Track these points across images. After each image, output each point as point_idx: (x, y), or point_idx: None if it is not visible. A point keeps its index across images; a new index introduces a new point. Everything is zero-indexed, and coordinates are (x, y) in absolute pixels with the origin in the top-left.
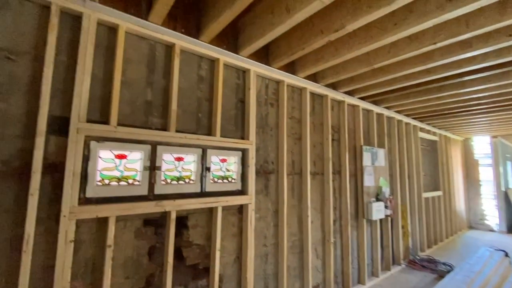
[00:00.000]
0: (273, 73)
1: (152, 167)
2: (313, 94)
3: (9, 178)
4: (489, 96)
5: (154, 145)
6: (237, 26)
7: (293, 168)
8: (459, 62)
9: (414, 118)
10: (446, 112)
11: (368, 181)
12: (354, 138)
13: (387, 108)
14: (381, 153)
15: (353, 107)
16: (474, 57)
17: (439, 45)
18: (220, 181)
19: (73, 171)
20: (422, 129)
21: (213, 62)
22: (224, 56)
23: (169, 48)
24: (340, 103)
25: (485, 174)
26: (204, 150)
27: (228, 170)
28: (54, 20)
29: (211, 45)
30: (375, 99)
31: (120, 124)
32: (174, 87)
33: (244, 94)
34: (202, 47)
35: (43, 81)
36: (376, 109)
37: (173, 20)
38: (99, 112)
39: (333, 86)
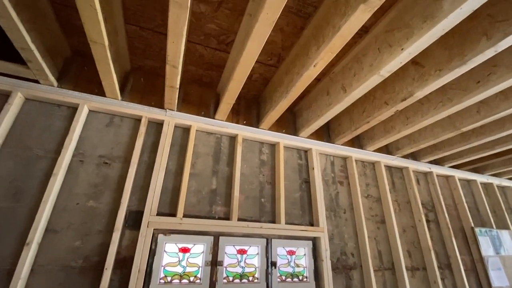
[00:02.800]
0: (337, 149)
1: (214, 262)
2: (389, 168)
3: (86, 274)
4: None
5: (216, 236)
6: (294, 111)
7: (381, 261)
8: None
9: None
10: None
11: (498, 280)
12: (459, 217)
13: (495, 175)
14: (507, 236)
15: (446, 178)
16: None
17: None
18: (289, 279)
19: (139, 267)
20: None
21: (273, 146)
22: (284, 139)
23: (233, 138)
24: (426, 174)
25: None
26: (268, 240)
27: (297, 266)
28: (142, 129)
29: (271, 131)
30: (475, 166)
31: (185, 215)
32: (237, 173)
33: (308, 174)
34: (262, 134)
35: (126, 180)
36: (480, 178)
37: (236, 115)
38: (169, 204)
39: (413, 157)
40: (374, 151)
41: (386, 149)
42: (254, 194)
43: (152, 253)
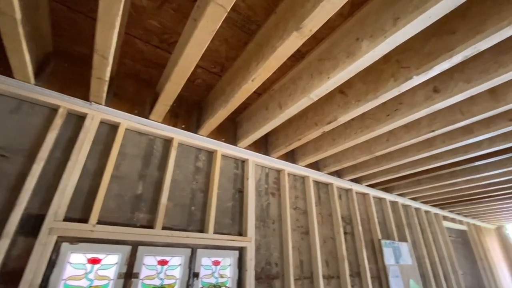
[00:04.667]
0: (273, 162)
1: (129, 274)
2: (317, 183)
3: None
4: (508, 180)
5: (135, 246)
6: (236, 121)
7: (302, 270)
8: (465, 148)
9: (434, 206)
10: (467, 199)
11: (396, 285)
12: (370, 230)
13: (401, 195)
14: (405, 248)
15: (363, 195)
16: (480, 142)
17: (437, 132)
18: None
19: (31, 281)
20: (445, 218)
21: (211, 153)
22: (222, 148)
23: (168, 142)
24: (347, 191)
25: None
26: (193, 251)
27: (221, 276)
28: (58, 121)
29: (210, 138)
30: (386, 186)
31: (101, 221)
32: (167, 178)
33: (242, 184)
34: (200, 140)
35: (28, 178)
36: (389, 196)
37: (174, 117)
38: (81, 209)
39: (338, 174)
40: (305, 166)
41: (316, 165)
42: (184, 202)
43: (51, 264)
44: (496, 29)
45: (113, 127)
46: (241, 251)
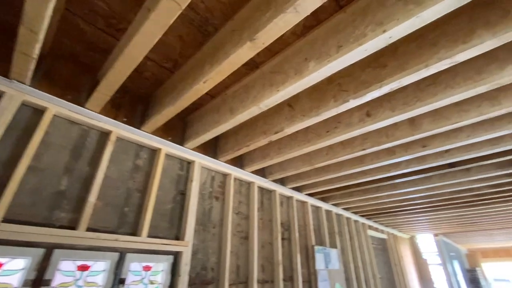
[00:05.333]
0: (220, 166)
1: (38, 282)
2: (261, 189)
3: None
4: (420, 197)
5: (50, 249)
6: (185, 121)
7: (238, 275)
8: (388, 167)
9: (362, 216)
10: (388, 211)
11: None
12: (306, 237)
13: (335, 205)
14: (334, 254)
15: (302, 203)
16: (399, 163)
17: (368, 151)
18: None
19: None
20: (370, 227)
21: (154, 151)
22: (168, 147)
23: (105, 134)
24: (289, 198)
25: (436, 274)
26: (122, 255)
27: (151, 282)
28: None
29: (154, 135)
30: (323, 196)
31: (8, 219)
32: (99, 175)
33: (185, 186)
34: (143, 136)
35: None
36: (325, 206)
37: (116, 109)
38: None
39: (281, 182)
40: (252, 172)
41: (262, 172)
42: (117, 202)
43: None
44: (416, 69)
45: (38, 112)
46: (177, 255)
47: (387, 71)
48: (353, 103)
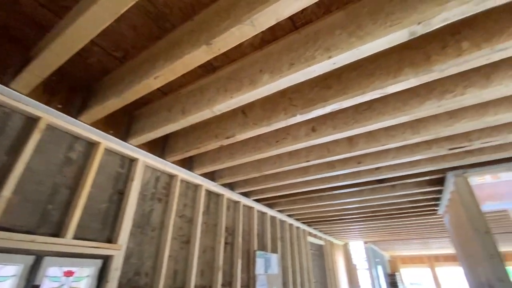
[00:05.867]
0: (167, 166)
1: None
2: (209, 192)
3: None
4: (355, 208)
5: None
6: (133, 115)
7: (175, 280)
8: (328, 179)
9: (303, 223)
10: (327, 219)
11: None
12: (249, 242)
13: (280, 211)
14: (275, 259)
15: (249, 208)
16: (338, 176)
17: (311, 163)
18: None
19: None
20: (310, 234)
21: (91, 144)
22: (108, 141)
23: (32, 120)
24: (236, 203)
25: (363, 278)
26: (38, 258)
27: None
28: None
29: (93, 127)
30: (269, 202)
31: None
32: (19, 165)
33: (125, 185)
34: (80, 127)
35: None
36: (270, 211)
37: (50, 94)
38: None
39: (230, 186)
40: (201, 174)
41: (211, 175)
42: (39, 198)
43: None
44: (355, 94)
45: None
46: (107, 260)
47: (331, 92)
48: (300, 118)
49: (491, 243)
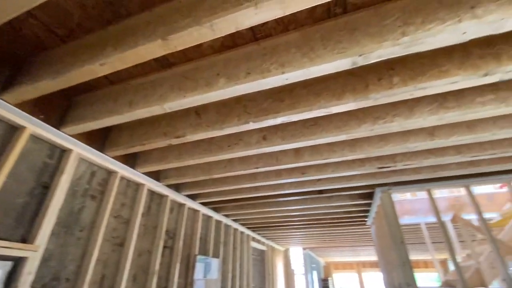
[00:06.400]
0: (107, 161)
1: None
2: (152, 193)
3: None
4: (297, 215)
5: None
6: (72, 100)
7: (101, 286)
8: (275, 186)
9: (248, 228)
10: (271, 225)
11: None
12: (190, 246)
13: (226, 216)
14: (215, 263)
15: (194, 211)
16: (284, 184)
17: (260, 170)
18: None
19: None
20: (254, 239)
21: (14, 129)
22: (37, 127)
23: None
24: (181, 206)
25: (299, 282)
26: None
27: None
28: None
29: (19, 109)
30: (216, 206)
31: None
32: None
33: (52, 178)
34: (3, 107)
35: None
36: (216, 216)
37: None
38: None
39: (176, 188)
40: (145, 173)
41: (156, 175)
42: None
43: None
44: (303, 110)
45: None
46: (18, 262)
47: (283, 105)
48: (252, 125)
49: (404, 252)
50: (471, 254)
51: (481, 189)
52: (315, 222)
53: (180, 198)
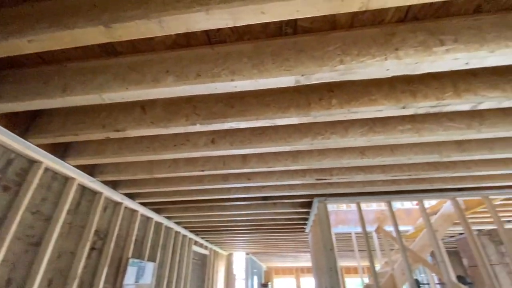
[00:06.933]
0: (28, 148)
1: None
2: (84, 188)
3: None
4: (242, 220)
5: None
6: None
7: None
8: (221, 190)
9: (191, 231)
10: (216, 229)
11: None
12: (124, 248)
13: (168, 218)
14: (150, 267)
15: (132, 211)
16: (230, 189)
17: (206, 172)
18: None
19: None
20: (196, 243)
21: None
22: None
23: None
24: (117, 204)
25: (239, 287)
26: None
27: None
28: None
29: None
30: (157, 207)
31: None
32: None
33: None
34: None
35: None
36: (157, 217)
37: None
38: None
39: (113, 185)
40: (77, 166)
41: (90, 169)
42: None
43: None
44: (251, 119)
45: None
46: None
47: (232, 111)
48: (199, 128)
49: (332, 258)
50: (388, 262)
51: (401, 205)
52: (259, 227)
53: (116, 196)
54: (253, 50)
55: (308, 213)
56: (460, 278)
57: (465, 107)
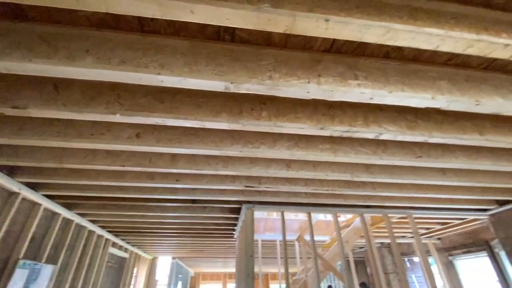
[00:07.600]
0: None
1: None
2: None
3: None
4: (168, 223)
5: None
6: None
7: None
8: (145, 189)
9: (110, 232)
10: (138, 231)
11: None
12: (13, 247)
13: (81, 215)
14: (47, 271)
15: (33, 204)
16: (156, 188)
17: (128, 168)
18: None
19: None
20: (114, 244)
21: None
22: None
23: None
24: (12, 194)
25: None
26: None
27: None
28: None
29: None
30: (68, 202)
31: None
32: None
33: None
34: None
35: None
36: (66, 213)
37: None
38: None
39: (9, 171)
40: None
41: None
42: None
43: None
44: (179, 117)
45: None
46: None
47: (161, 107)
48: (120, 118)
49: (251, 265)
50: (304, 269)
51: (324, 216)
52: (187, 231)
53: (12, 185)
54: (189, 48)
55: (237, 219)
56: (363, 285)
57: (370, 135)
